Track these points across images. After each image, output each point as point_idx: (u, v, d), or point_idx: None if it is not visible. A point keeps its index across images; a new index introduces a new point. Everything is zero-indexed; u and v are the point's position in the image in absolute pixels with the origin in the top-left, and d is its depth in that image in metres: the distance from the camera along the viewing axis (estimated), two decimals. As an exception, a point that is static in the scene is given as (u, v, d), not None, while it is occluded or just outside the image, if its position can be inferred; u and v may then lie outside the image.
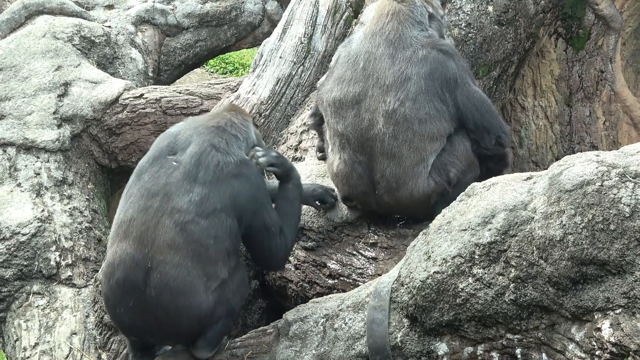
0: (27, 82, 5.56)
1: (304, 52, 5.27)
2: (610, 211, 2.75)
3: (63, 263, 4.79)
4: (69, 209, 5.08)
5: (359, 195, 4.17)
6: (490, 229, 3.04)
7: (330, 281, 4.27)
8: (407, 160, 3.98)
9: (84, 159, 5.51)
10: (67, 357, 4.36)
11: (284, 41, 5.30)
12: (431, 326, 3.21)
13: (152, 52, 6.54)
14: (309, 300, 3.86)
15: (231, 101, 5.10)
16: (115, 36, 6.32)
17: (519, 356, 3.07)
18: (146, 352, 3.89)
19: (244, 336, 3.89)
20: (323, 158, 4.56)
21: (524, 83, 5.45)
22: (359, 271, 4.19)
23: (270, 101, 5.16)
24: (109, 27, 6.35)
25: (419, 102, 3.93)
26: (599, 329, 2.78)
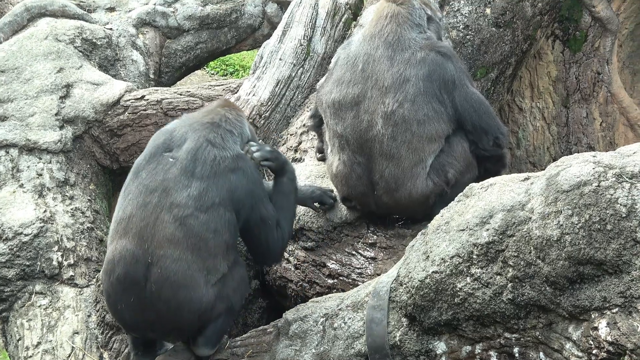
0: (30, 84, 5.55)
1: (304, 54, 5.27)
2: (607, 211, 2.75)
3: (65, 263, 4.78)
4: (71, 209, 5.07)
5: (358, 196, 4.17)
6: (488, 229, 3.04)
7: (329, 281, 4.27)
8: (406, 161, 3.98)
9: (85, 160, 5.49)
10: (69, 356, 4.36)
11: (284, 43, 5.30)
12: (430, 325, 3.21)
13: (153, 54, 6.51)
14: (309, 300, 3.86)
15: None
16: (117, 38, 6.30)
17: (517, 355, 3.06)
18: (148, 351, 3.89)
19: (245, 335, 3.89)
20: (322, 159, 4.56)
21: (522, 85, 5.44)
22: (358, 271, 4.20)
23: (270, 103, 5.16)
24: (111, 29, 6.33)
25: (418, 103, 3.94)
26: (596, 328, 2.78)
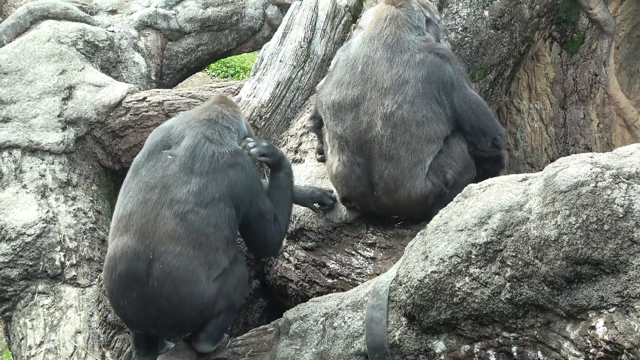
0: (32, 86, 5.54)
1: (304, 56, 5.27)
2: (604, 212, 2.75)
3: (67, 263, 4.78)
4: (74, 210, 5.07)
5: (357, 197, 4.18)
6: (486, 229, 3.04)
7: (329, 281, 4.28)
8: (405, 162, 3.99)
9: (88, 161, 5.49)
10: (71, 355, 4.37)
11: (284, 45, 5.31)
12: (429, 325, 3.21)
13: (155, 56, 6.50)
14: (309, 300, 3.87)
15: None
16: (119, 40, 6.28)
17: (515, 354, 3.06)
18: (149, 350, 3.90)
19: (245, 335, 3.90)
20: (322, 160, 4.57)
21: (520, 86, 5.43)
22: (357, 271, 4.20)
23: (270, 104, 5.17)
24: (113, 31, 6.31)
25: (417, 105, 3.94)
26: (593, 328, 2.78)
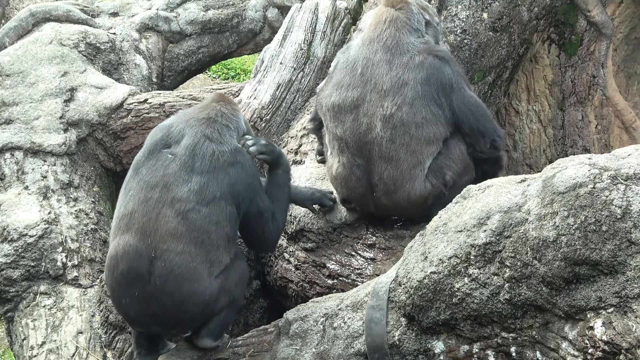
0: (34, 88, 5.57)
1: (304, 58, 5.28)
2: (602, 213, 2.74)
3: (69, 264, 4.80)
4: (75, 211, 5.09)
5: (357, 198, 4.18)
6: (485, 230, 3.03)
7: (329, 281, 4.29)
8: (404, 164, 3.99)
9: (89, 162, 5.51)
10: (73, 355, 4.38)
11: (285, 47, 5.32)
12: (428, 325, 3.21)
13: (156, 58, 6.51)
14: (309, 300, 3.87)
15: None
16: (120, 43, 6.31)
17: (514, 354, 3.05)
18: (151, 350, 3.91)
19: (246, 335, 3.91)
20: (322, 161, 4.57)
21: (518, 88, 5.42)
22: (357, 271, 4.21)
23: (271, 106, 5.18)
24: (114, 34, 6.33)
25: (416, 106, 3.95)
26: (591, 328, 2.78)
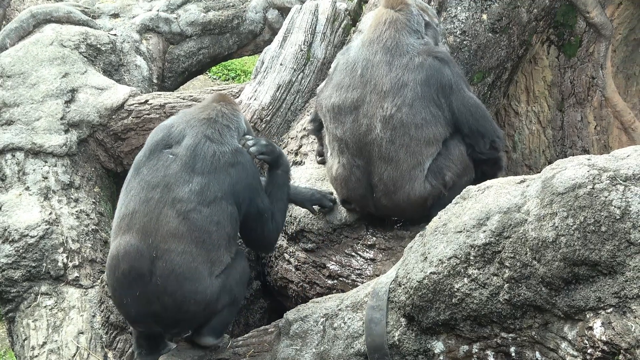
0: (35, 89, 5.58)
1: (304, 60, 5.29)
2: (602, 213, 2.74)
3: (70, 264, 4.80)
4: (76, 211, 5.09)
5: (357, 198, 4.19)
6: (485, 231, 3.03)
7: (329, 282, 4.29)
8: (404, 164, 4.00)
9: (90, 163, 5.51)
10: (74, 356, 4.39)
11: (285, 49, 5.33)
12: (428, 325, 3.21)
13: (157, 59, 6.52)
14: (309, 300, 3.87)
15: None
16: (121, 44, 6.31)
17: (514, 354, 3.05)
18: (151, 350, 3.92)
19: (246, 335, 3.91)
20: (322, 162, 4.57)
21: (518, 89, 5.42)
22: (357, 272, 4.21)
23: (271, 107, 5.19)
24: (115, 35, 6.34)
25: (416, 107, 3.95)
26: (590, 328, 2.78)
